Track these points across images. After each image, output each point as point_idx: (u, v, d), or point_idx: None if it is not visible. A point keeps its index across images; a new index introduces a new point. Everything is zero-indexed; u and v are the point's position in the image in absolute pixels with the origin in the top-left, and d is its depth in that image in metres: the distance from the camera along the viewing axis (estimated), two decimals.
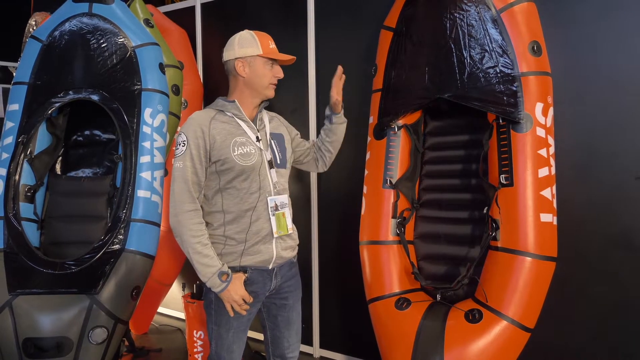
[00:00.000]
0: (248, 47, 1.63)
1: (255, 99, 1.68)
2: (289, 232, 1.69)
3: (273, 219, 1.63)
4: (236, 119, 1.65)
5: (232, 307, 1.59)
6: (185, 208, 1.55)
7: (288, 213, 1.69)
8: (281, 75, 1.69)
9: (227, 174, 1.59)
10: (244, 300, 1.59)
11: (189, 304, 2.63)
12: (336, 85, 1.77)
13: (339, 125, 1.85)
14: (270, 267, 1.67)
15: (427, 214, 2.20)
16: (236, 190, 1.61)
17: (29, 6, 4.02)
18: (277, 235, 1.64)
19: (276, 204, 1.65)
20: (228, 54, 1.66)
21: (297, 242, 1.79)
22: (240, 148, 1.59)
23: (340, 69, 1.77)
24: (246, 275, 1.61)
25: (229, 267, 1.60)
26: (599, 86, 2.05)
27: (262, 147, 1.65)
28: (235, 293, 1.56)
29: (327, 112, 1.86)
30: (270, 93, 1.68)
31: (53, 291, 2.11)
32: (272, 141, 1.71)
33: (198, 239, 1.55)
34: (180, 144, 1.59)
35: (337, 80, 1.77)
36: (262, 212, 1.63)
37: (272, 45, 1.67)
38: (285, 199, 1.69)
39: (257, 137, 1.65)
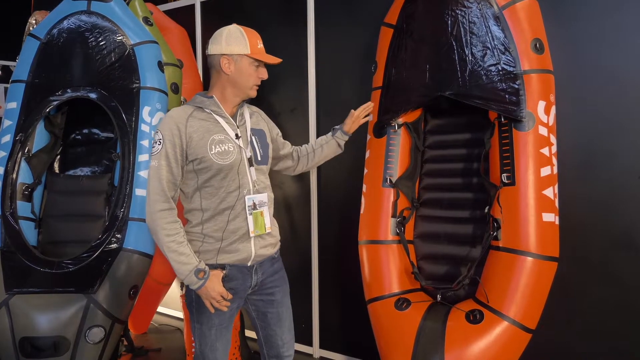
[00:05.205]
0: (236, 45, 1.57)
1: (237, 98, 1.64)
2: (267, 231, 1.67)
3: (250, 218, 1.61)
4: (215, 115, 1.61)
5: (212, 304, 1.58)
6: (158, 207, 1.53)
7: (267, 212, 1.66)
8: (266, 76, 1.64)
9: (204, 173, 1.57)
10: (223, 297, 1.57)
11: None
12: (365, 109, 1.97)
13: (340, 142, 1.96)
14: (249, 264, 1.65)
15: (428, 213, 2.18)
16: (215, 189, 1.59)
17: (29, 5, 4.02)
18: (253, 235, 1.62)
19: (254, 203, 1.62)
20: (214, 47, 1.59)
21: (278, 238, 1.77)
22: (217, 146, 1.56)
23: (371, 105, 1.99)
24: (224, 272, 1.60)
25: (207, 265, 1.59)
26: (602, 84, 2.03)
27: (241, 145, 1.62)
28: (213, 290, 1.55)
29: (338, 127, 1.97)
30: (253, 93, 1.64)
31: (50, 290, 2.10)
32: (253, 137, 1.68)
33: (172, 237, 1.53)
34: (156, 142, 1.56)
35: (364, 109, 1.97)
36: (240, 211, 1.60)
37: (260, 45, 1.62)
38: (264, 197, 1.66)
39: (237, 135, 1.62)
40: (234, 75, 1.59)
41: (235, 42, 1.58)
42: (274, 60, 1.63)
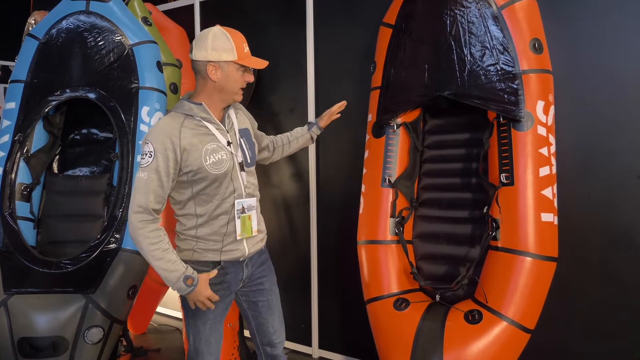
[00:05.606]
0: (223, 51, 1.52)
1: (223, 103, 1.62)
2: (253, 234, 1.68)
3: (238, 221, 1.62)
4: (205, 122, 1.58)
5: (197, 305, 1.59)
6: (141, 218, 1.49)
7: (254, 215, 1.68)
8: (252, 79, 1.62)
9: (200, 183, 1.56)
10: (209, 299, 1.58)
11: None
12: (340, 107, 1.98)
13: (314, 135, 2.00)
14: (241, 260, 1.68)
15: (426, 213, 2.17)
16: (209, 197, 1.59)
17: (28, 5, 4.02)
18: (240, 238, 1.63)
19: (243, 207, 1.63)
20: (199, 53, 1.53)
21: (265, 232, 1.79)
22: (212, 156, 1.55)
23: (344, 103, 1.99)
24: (217, 270, 1.62)
25: (202, 261, 1.60)
26: (601, 84, 2.03)
27: (232, 151, 1.62)
28: (201, 295, 1.55)
29: (314, 122, 2.01)
30: (239, 98, 1.63)
31: (49, 290, 2.10)
32: (242, 140, 1.67)
33: (157, 245, 1.50)
34: (146, 154, 1.49)
35: (339, 106, 1.98)
36: (232, 215, 1.62)
37: (246, 48, 1.58)
38: (253, 201, 1.68)
39: (228, 142, 1.61)
40: (221, 82, 1.56)
41: (222, 47, 1.53)
42: (261, 65, 1.61)
